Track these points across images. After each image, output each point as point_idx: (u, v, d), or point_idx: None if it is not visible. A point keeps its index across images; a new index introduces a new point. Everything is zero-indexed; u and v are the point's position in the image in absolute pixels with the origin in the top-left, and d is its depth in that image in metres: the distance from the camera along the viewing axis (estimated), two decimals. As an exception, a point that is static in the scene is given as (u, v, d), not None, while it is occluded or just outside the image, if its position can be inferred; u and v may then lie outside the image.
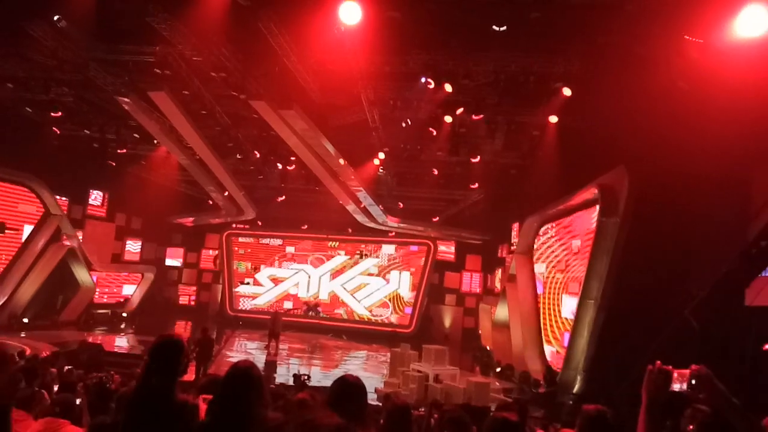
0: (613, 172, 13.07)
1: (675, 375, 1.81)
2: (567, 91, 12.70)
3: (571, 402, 12.07)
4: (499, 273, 23.15)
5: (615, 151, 12.69)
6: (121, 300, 25.32)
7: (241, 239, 29.59)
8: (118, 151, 20.84)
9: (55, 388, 6.86)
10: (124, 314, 24.79)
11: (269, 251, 29.35)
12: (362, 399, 2.79)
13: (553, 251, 17.02)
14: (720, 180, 10.28)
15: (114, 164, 22.36)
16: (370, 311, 27.64)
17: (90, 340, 18.01)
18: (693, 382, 1.79)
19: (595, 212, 13.53)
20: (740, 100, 9.03)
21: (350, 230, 27.32)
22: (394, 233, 26.91)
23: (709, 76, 9.67)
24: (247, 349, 21.15)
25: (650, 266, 10.54)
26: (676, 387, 1.81)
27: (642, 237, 11.27)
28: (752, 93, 8.73)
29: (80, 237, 22.64)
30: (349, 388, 2.75)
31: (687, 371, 1.80)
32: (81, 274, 22.11)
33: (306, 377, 12.93)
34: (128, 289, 25.72)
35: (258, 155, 20.15)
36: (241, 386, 2.46)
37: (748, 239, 9.85)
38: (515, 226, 20.32)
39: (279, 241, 29.26)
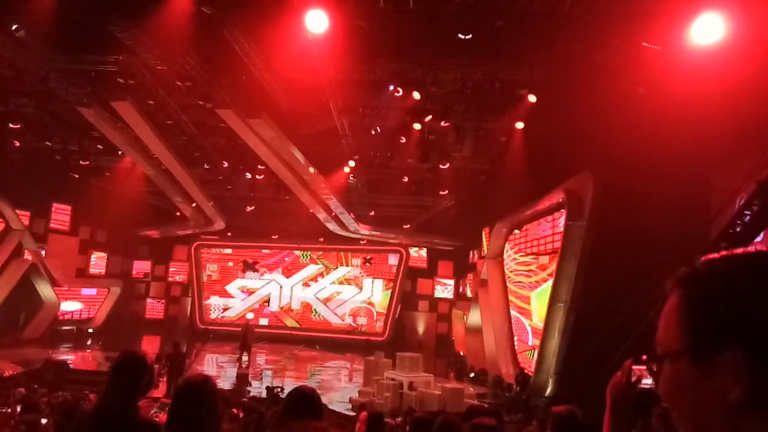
0: (578, 176, 13.35)
1: (644, 370, 1.85)
2: (532, 98, 12.93)
3: (543, 405, 12.20)
4: (470, 278, 23.33)
5: (580, 156, 12.96)
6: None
7: (209, 266, 29.19)
8: (81, 162, 20.34)
9: (19, 408, 6.64)
10: (90, 330, 24.15)
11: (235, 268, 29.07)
12: (318, 408, 2.75)
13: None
14: (680, 182, 10.58)
15: (77, 176, 21.83)
16: (343, 320, 27.57)
17: (55, 357, 17.46)
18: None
19: (561, 216, 13.78)
20: (696, 105, 9.34)
21: (321, 239, 27.20)
22: (365, 241, 26.89)
23: (666, 82, 9.98)
24: (218, 363, 20.80)
25: (617, 268, 10.76)
26: (646, 382, 1.84)
27: (608, 239, 11.52)
28: (707, 98, 9.03)
29: (43, 252, 22.02)
30: (304, 397, 2.70)
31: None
32: (44, 289, 21.49)
33: (279, 390, 12.78)
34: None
35: (226, 165, 19.94)
36: (191, 400, 2.40)
37: (709, 240, 10.15)
38: (486, 231, 20.53)
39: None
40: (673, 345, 0.83)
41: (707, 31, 8.59)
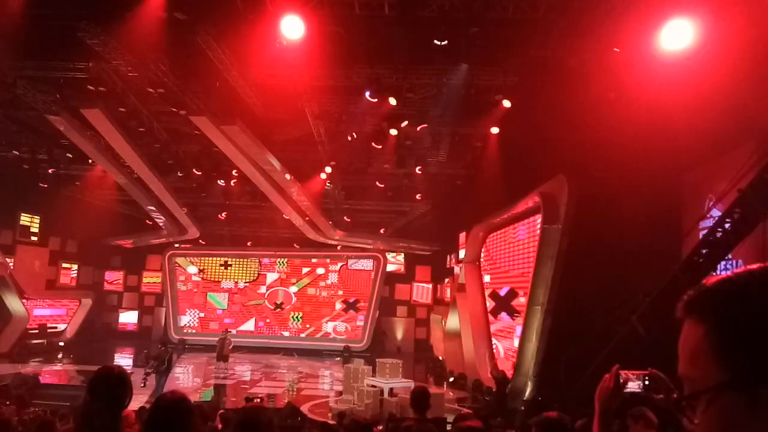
0: (553, 180, 13.50)
1: (632, 376, 1.85)
2: (507, 103, 13.03)
3: (522, 408, 12.26)
4: (448, 283, 23.40)
5: (554, 160, 13.11)
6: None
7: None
8: (51, 171, 19.88)
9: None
10: (61, 343, 23.55)
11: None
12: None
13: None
14: (653, 185, 10.76)
15: (46, 186, 21.30)
16: (322, 327, 27.38)
17: (24, 372, 16.96)
18: (647, 382, 1.83)
19: (537, 220, 13.92)
20: (666, 109, 9.53)
21: (297, 246, 27.00)
22: (341, 247, 26.78)
23: (637, 88, 10.18)
24: (195, 373, 20.46)
25: (592, 271, 10.89)
26: (633, 386, 1.84)
27: (583, 242, 11.66)
28: (677, 103, 9.23)
29: (11, 264, 21.40)
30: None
31: (641, 372, 1.84)
32: (12, 303, 20.88)
33: (258, 400, 12.61)
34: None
35: (200, 172, 19.68)
36: (166, 421, 2.31)
37: (684, 241, 10.34)
38: (462, 235, 20.63)
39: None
40: (709, 380, 0.75)
41: (676, 37, 8.77)
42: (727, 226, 8.76)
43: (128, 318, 28.89)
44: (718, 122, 9.18)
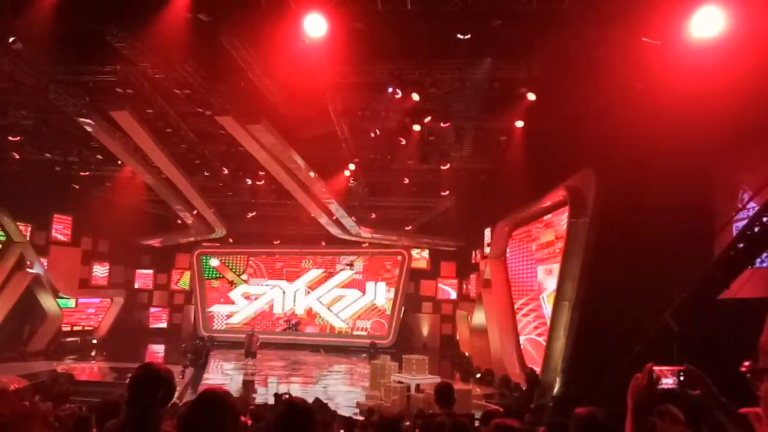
0: (580, 173, 13.30)
1: (666, 372, 1.82)
2: (531, 96, 12.88)
3: (551, 404, 12.14)
4: (473, 279, 23.28)
5: (581, 153, 12.91)
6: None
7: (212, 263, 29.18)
8: (82, 173, 20.35)
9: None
10: (94, 341, 24.13)
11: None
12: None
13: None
14: (682, 176, 10.51)
15: (77, 187, 21.82)
16: (348, 323, 27.53)
17: (60, 369, 17.43)
18: (682, 378, 1.80)
19: (564, 214, 13.74)
20: (695, 98, 9.30)
21: (323, 243, 27.17)
22: (367, 244, 26.85)
23: (665, 77, 9.95)
24: (223, 370, 20.76)
25: (621, 265, 10.69)
26: (668, 382, 1.82)
27: (611, 236, 11.46)
28: (706, 91, 9.00)
29: (45, 264, 22.00)
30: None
31: (675, 368, 1.81)
32: (47, 301, 21.46)
33: (287, 396, 12.73)
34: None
35: (226, 171, 19.93)
36: (208, 415, 2.29)
37: (717, 235, 10.10)
38: (488, 231, 20.49)
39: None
40: None
41: (707, 24, 8.55)
42: (765, 219, 8.50)
43: (157, 316, 29.43)
44: (749, 112, 8.94)
